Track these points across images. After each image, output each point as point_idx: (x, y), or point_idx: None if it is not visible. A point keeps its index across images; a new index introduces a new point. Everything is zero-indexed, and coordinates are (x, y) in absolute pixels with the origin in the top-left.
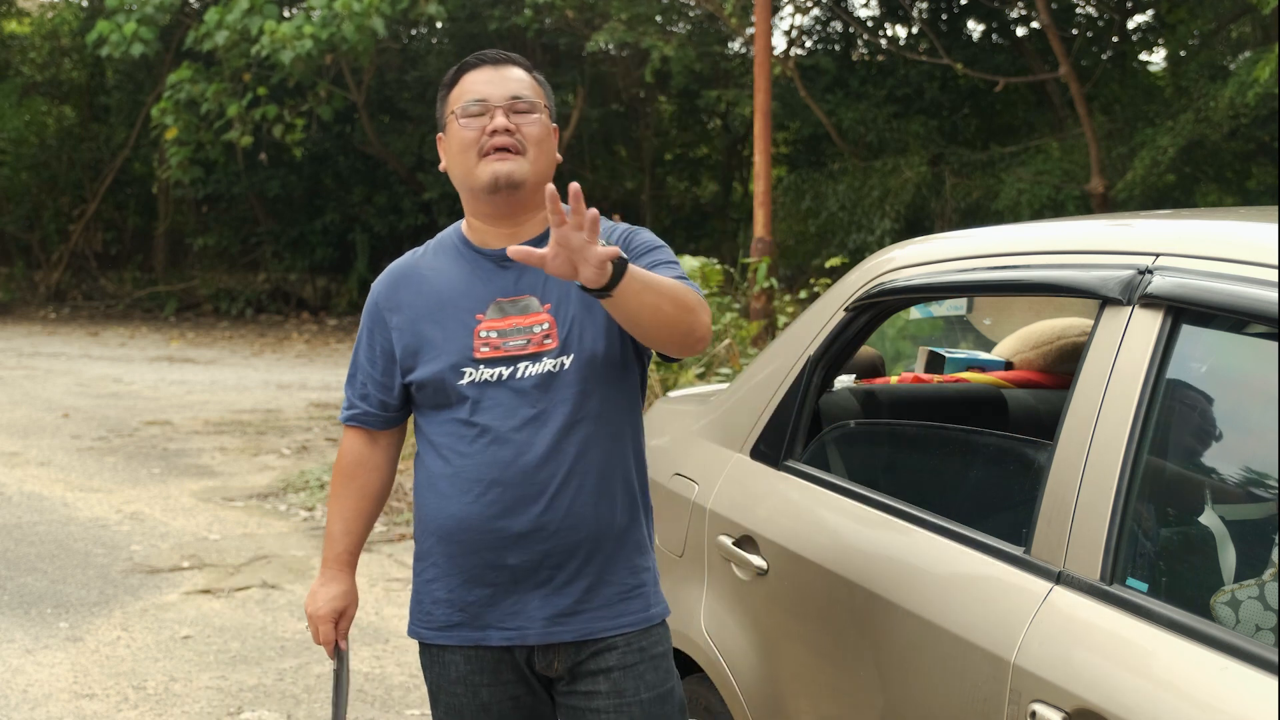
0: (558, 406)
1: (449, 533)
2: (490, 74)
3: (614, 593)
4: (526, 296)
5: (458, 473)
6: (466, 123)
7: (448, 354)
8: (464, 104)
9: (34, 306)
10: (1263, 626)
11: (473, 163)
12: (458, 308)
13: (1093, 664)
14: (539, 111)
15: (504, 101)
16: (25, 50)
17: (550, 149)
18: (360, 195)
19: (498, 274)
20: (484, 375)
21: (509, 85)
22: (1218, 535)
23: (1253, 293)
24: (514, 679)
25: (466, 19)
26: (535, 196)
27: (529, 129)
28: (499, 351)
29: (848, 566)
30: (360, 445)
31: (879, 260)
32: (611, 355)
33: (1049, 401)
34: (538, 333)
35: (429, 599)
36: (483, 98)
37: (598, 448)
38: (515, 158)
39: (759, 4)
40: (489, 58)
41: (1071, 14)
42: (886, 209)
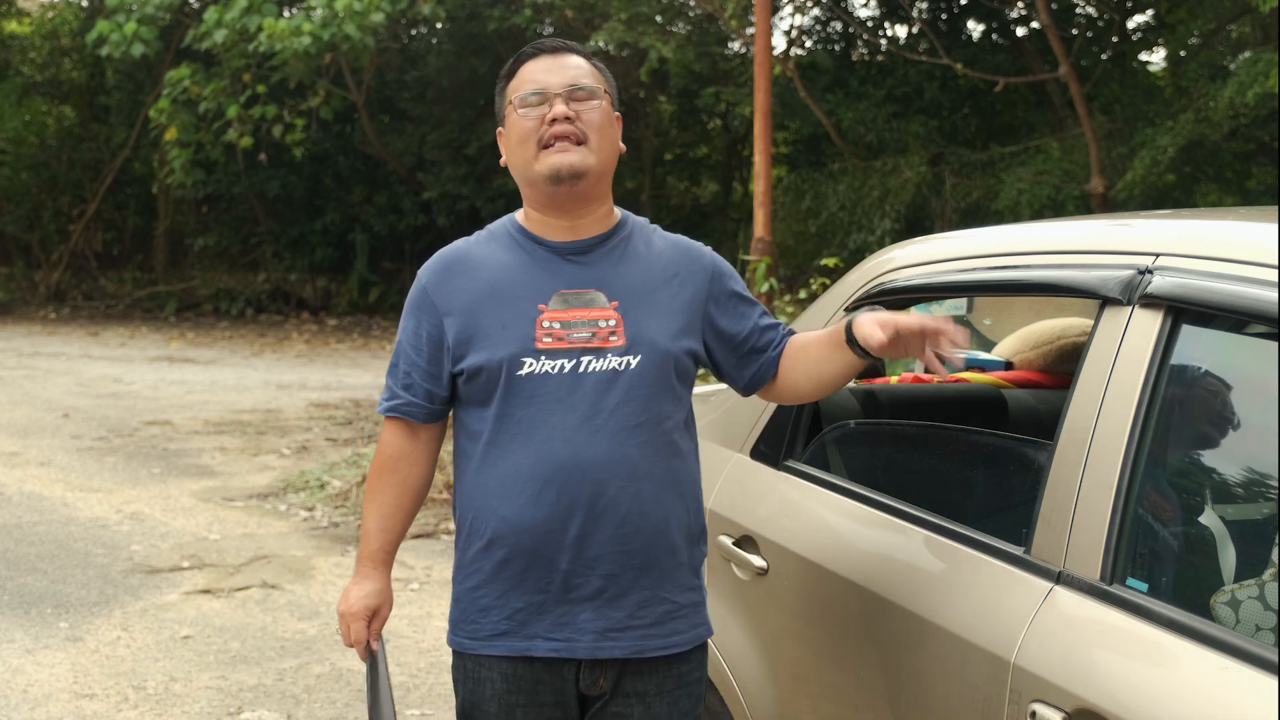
0: (621, 407)
1: (499, 535)
2: (548, 63)
3: (666, 610)
4: (591, 290)
5: (510, 471)
6: (525, 112)
7: (507, 343)
8: (522, 94)
9: (34, 306)
10: (1263, 626)
11: (532, 154)
12: (518, 296)
13: (1093, 664)
14: (600, 98)
15: (563, 89)
16: (25, 50)
17: (613, 137)
18: (360, 195)
19: (560, 264)
20: (545, 367)
21: (568, 73)
22: (1218, 535)
23: (1253, 293)
24: (551, 701)
25: (466, 19)
26: (598, 187)
27: (590, 116)
28: (563, 343)
29: (848, 566)
30: (401, 438)
31: (879, 260)
32: (677, 363)
33: (1049, 401)
34: (603, 327)
35: (474, 607)
36: (541, 87)
37: (660, 455)
38: (577, 148)
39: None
40: (546, 46)
41: (1071, 14)
42: (886, 209)
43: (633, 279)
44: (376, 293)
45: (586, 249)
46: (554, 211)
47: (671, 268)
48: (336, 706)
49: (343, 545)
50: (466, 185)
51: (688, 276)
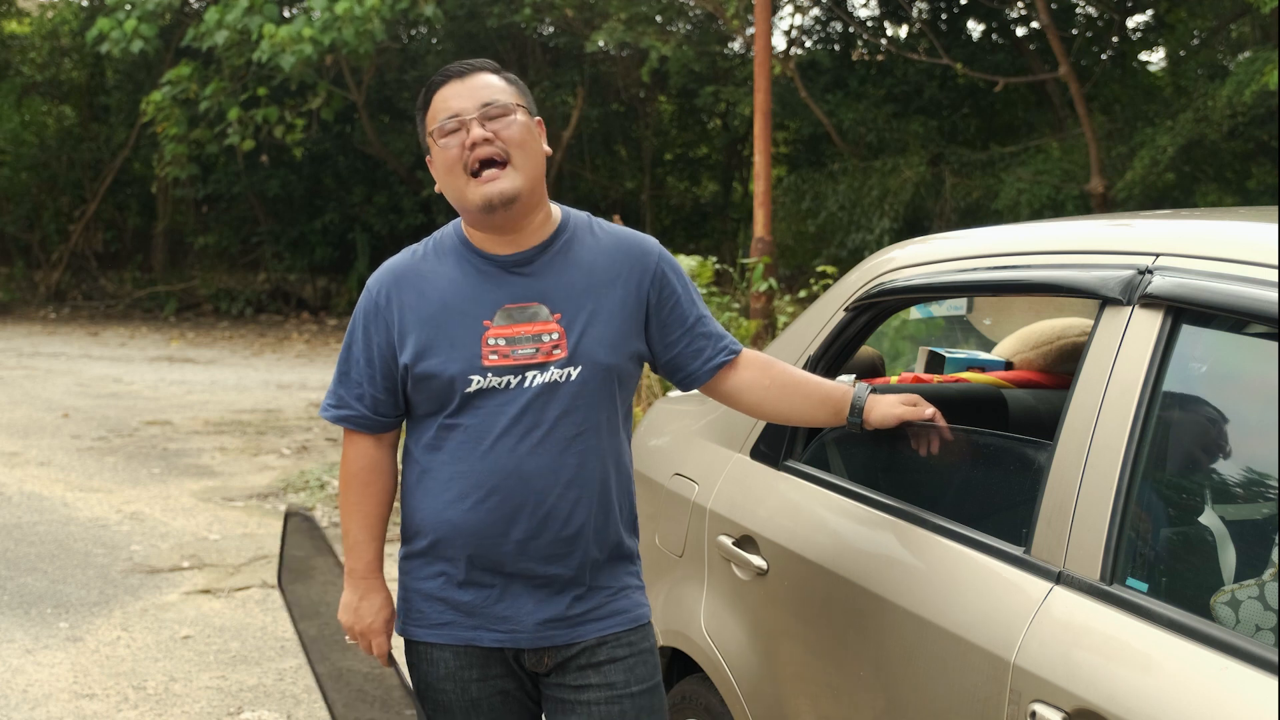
0: (563, 417)
1: (444, 537)
2: (457, 87)
3: (604, 596)
4: (535, 304)
5: (455, 477)
6: (445, 142)
7: (455, 361)
8: (439, 123)
9: (34, 306)
10: (1263, 626)
11: (462, 183)
12: (464, 313)
13: (1093, 664)
14: (514, 113)
15: (477, 111)
16: (25, 50)
17: (535, 149)
18: (360, 195)
19: (504, 278)
20: (491, 383)
21: (478, 94)
22: (1218, 535)
23: (1253, 293)
24: (502, 673)
25: (466, 18)
26: (529, 203)
27: (509, 132)
28: (508, 360)
29: (847, 566)
30: (368, 449)
31: (879, 260)
32: (618, 369)
33: (1049, 401)
34: (547, 341)
35: (419, 597)
36: (455, 112)
37: (597, 460)
38: (503, 171)
39: (759, 4)
40: (453, 71)
41: (1071, 14)
42: (886, 209)
43: (575, 287)
44: None
45: (528, 259)
46: (492, 232)
47: (614, 268)
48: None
49: None
50: None
51: (629, 275)
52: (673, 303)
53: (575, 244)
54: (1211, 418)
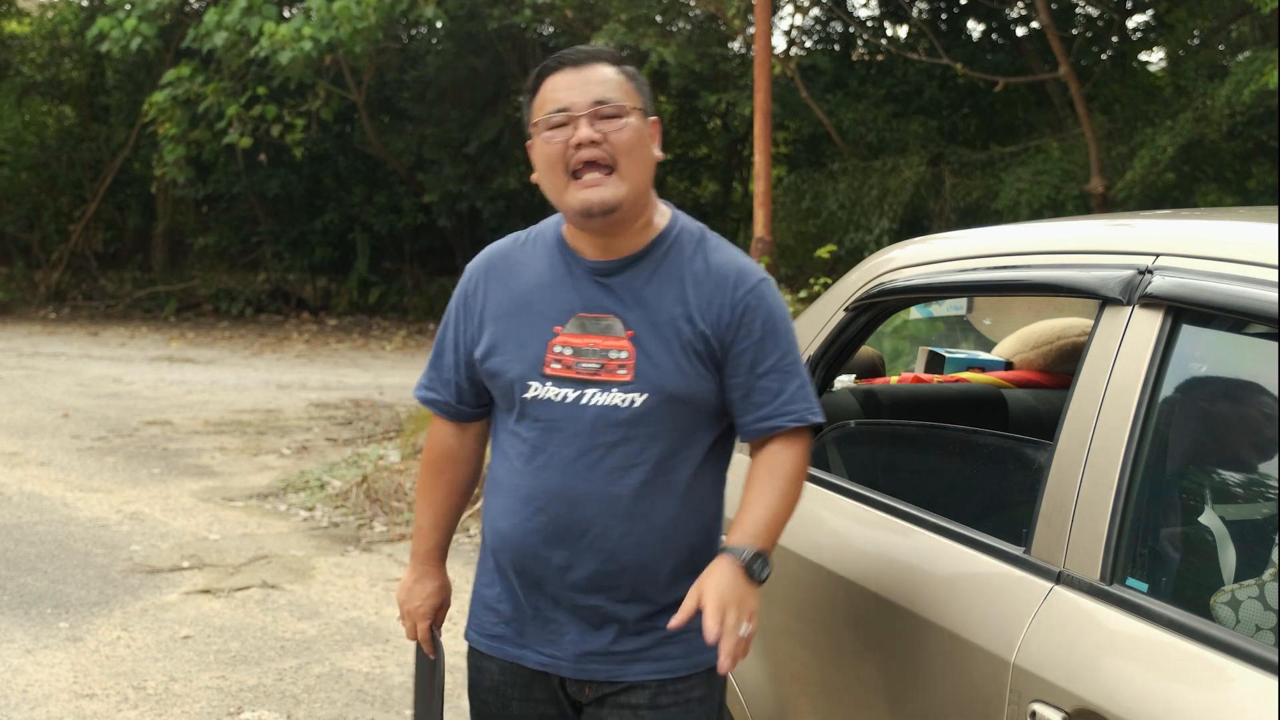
0: (620, 445)
1: (496, 547)
2: (571, 77)
3: (656, 637)
4: (610, 317)
5: (513, 488)
6: (550, 136)
7: (518, 362)
8: (546, 114)
9: (34, 306)
10: (1263, 626)
11: (562, 184)
12: (538, 314)
13: (1093, 664)
14: (628, 115)
15: (588, 108)
16: (25, 50)
17: (645, 155)
18: (360, 195)
19: (585, 284)
20: (549, 393)
21: (592, 89)
22: (1218, 535)
23: (1253, 293)
24: (545, 698)
25: (466, 18)
26: (631, 212)
27: (618, 136)
28: (569, 371)
29: (848, 566)
30: (447, 436)
31: (879, 260)
32: (689, 399)
33: (1049, 401)
34: (613, 359)
35: (480, 604)
36: (564, 106)
37: (657, 496)
38: (606, 179)
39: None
40: (569, 59)
41: (1071, 14)
42: (885, 208)
43: (655, 307)
44: (376, 293)
45: (614, 270)
46: (587, 234)
47: (701, 293)
48: (336, 706)
49: (343, 545)
50: (466, 184)
51: (712, 302)
52: (747, 343)
53: (670, 259)
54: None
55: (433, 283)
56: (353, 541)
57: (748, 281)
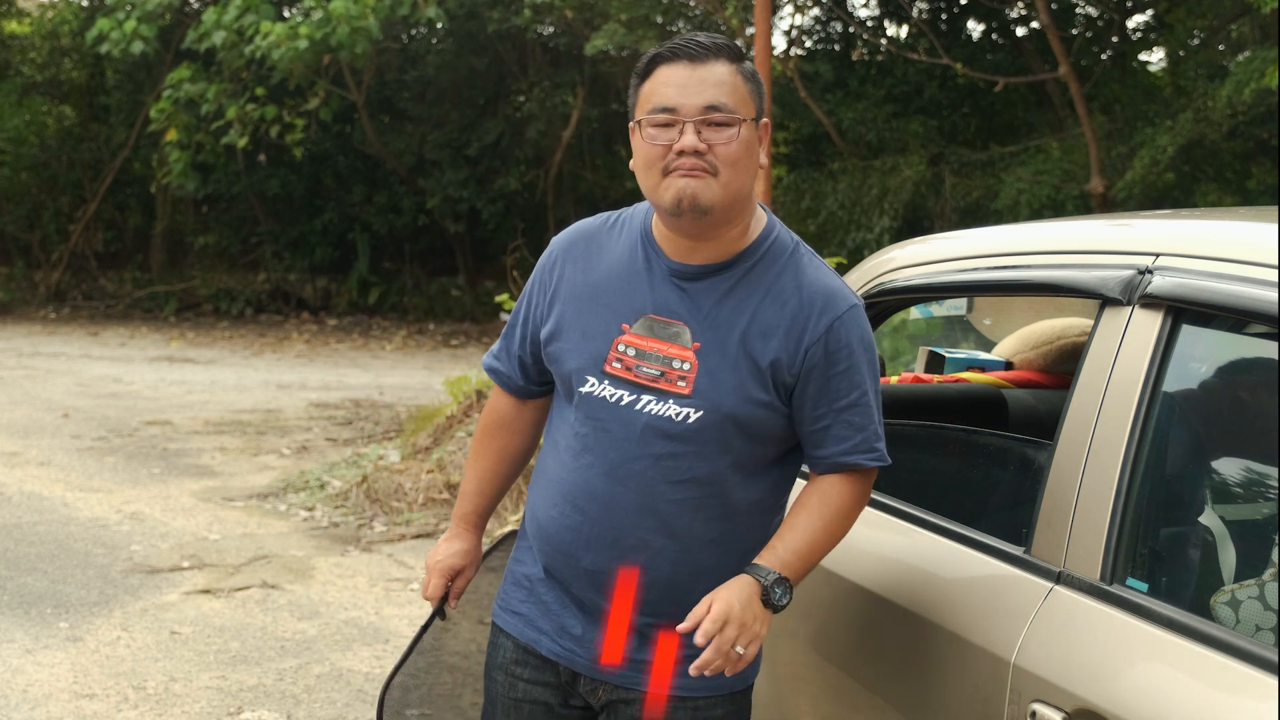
0: (665, 460)
1: (534, 534)
2: (686, 74)
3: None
4: (680, 324)
5: (557, 480)
6: (653, 134)
7: (580, 354)
8: (651, 109)
9: (34, 306)
10: (1263, 626)
11: (657, 179)
12: (609, 307)
13: (1093, 664)
14: (737, 125)
15: (697, 114)
16: (25, 50)
17: (749, 165)
18: (360, 195)
19: (662, 284)
20: (605, 392)
21: (705, 92)
22: (1218, 535)
23: (1253, 293)
24: (553, 688)
25: (465, 18)
26: (724, 218)
27: (724, 149)
28: (630, 374)
29: (848, 566)
30: (507, 405)
31: (879, 260)
32: (747, 421)
33: (1049, 401)
34: (675, 369)
35: (511, 579)
36: (673, 106)
37: (698, 516)
38: (704, 177)
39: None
40: (685, 50)
41: (1071, 14)
42: (886, 208)
43: (729, 321)
44: (376, 293)
45: (695, 276)
46: (676, 233)
47: (784, 314)
48: (336, 706)
49: (343, 545)
50: (467, 188)
51: (795, 325)
52: (830, 374)
53: (756, 273)
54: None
55: (433, 283)
56: (353, 541)
57: (837, 308)
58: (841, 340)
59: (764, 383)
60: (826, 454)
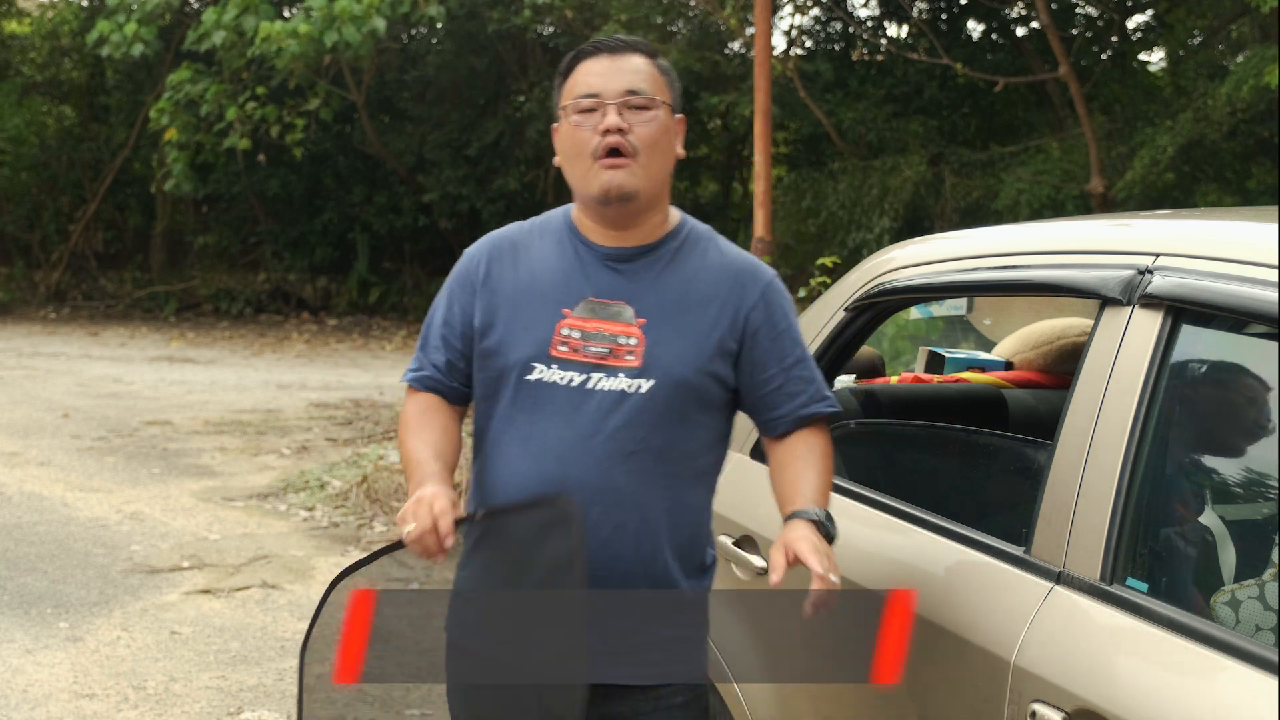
0: (620, 431)
1: None
2: (606, 64)
3: (641, 641)
4: (620, 303)
5: (504, 475)
6: (578, 120)
7: (522, 344)
8: (575, 98)
9: (34, 306)
10: (1263, 626)
11: (584, 167)
12: (545, 296)
13: (1093, 664)
14: (656, 108)
15: (618, 97)
16: (25, 50)
17: (666, 150)
18: (360, 195)
19: (597, 269)
20: (554, 376)
21: (624, 78)
22: (1218, 535)
23: (1253, 293)
24: None
25: (466, 18)
26: (648, 203)
27: (644, 130)
28: (577, 355)
29: (848, 567)
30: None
31: (879, 260)
32: (695, 388)
33: (1049, 401)
34: (622, 344)
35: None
36: (595, 91)
37: (656, 486)
38: (627, 164)
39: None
40: (606, 45)
41: (1071, 14)
42: (886, 208)
43: (668, 296)
44: (376, 293)
45: (628, 257)
46: (604, 224)
47: (715, 287)
48: (336, 706)
49: (343, 545)
50: (467, 186)
51: (729, 297)
52: (773, 336)
53: (683, 254)
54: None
55: (433, 283)
56: (353, 541)
57: (765, 275)
58: (776, 304)
59: (709, 350)
60: (787, 411)
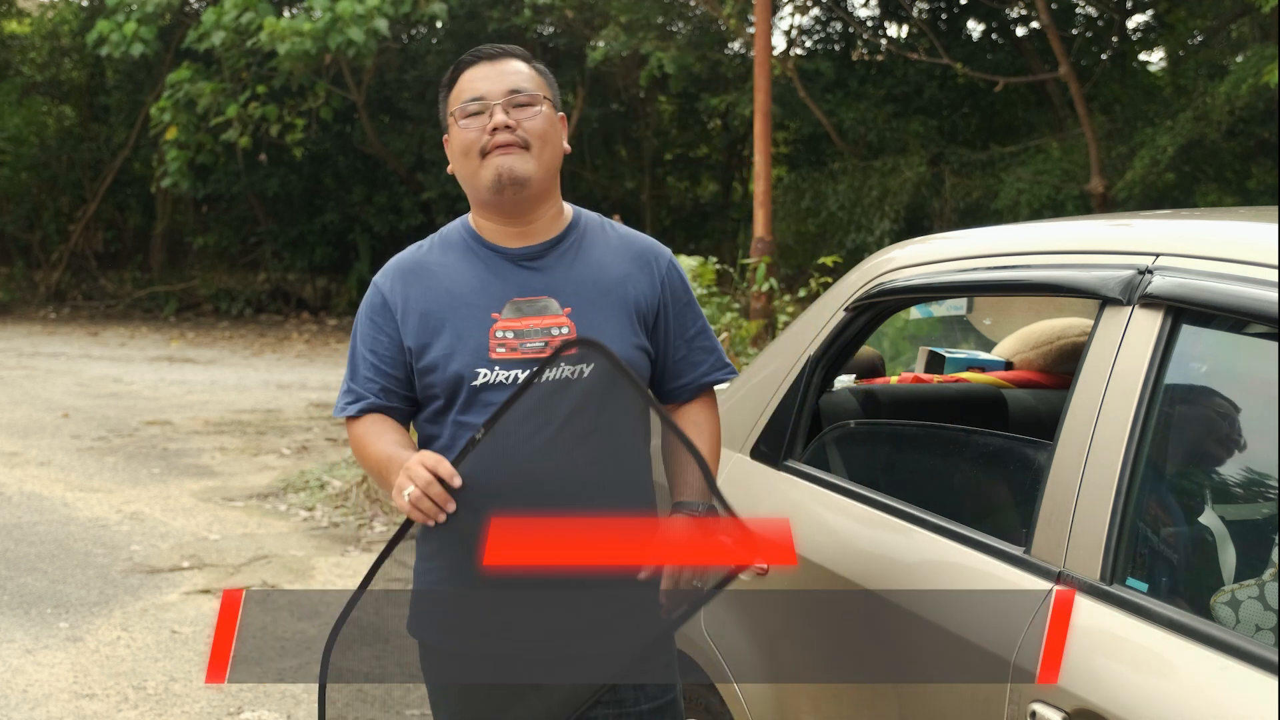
0: (573, 417)
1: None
2: (487, 70)
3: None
4: (544, 297)
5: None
6: (466, 123)
7: (462, 353)
8: (462, 103)
9: (34, 306)
10: (1263, 626)
11: (475, 164)
12: (472, 305)
13: (1092, 664)
14: (540, 104)
15: (502, 97)
16: (25, 50)
17: (555, 142)
18: (360, 195)
19: (513, 271)
20: (499, 377)
21: (506, 79)
22: (1218, 535)
23: (1253, 293)
24: None
25: (466, 18)
26: (541, 192)
27: (531, 124)
28: (516, 353)
29: (848, 567)
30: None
31: (879, 260)
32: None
33: (1049, 401)
34: (556, 335)
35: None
36: (480, 95)
37: (611, 463)
38: (519, 152)
39: (759, 4)
40: (485, 53)
41: (1071, 14)
42: (886, 209)
43: (585, 284)
44: None
45: (539, 254)
46: (501, 219)
47: (624, 268)
48: (336, 706)
49: (342, 545)
50: None
51: (639, 276)
52: (678, 309)
53: (586, 242)
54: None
55: None
56: (353, 541)
57: (665, 254)
58: (678, 277)
59: (635, 325)
60: (690, 379)
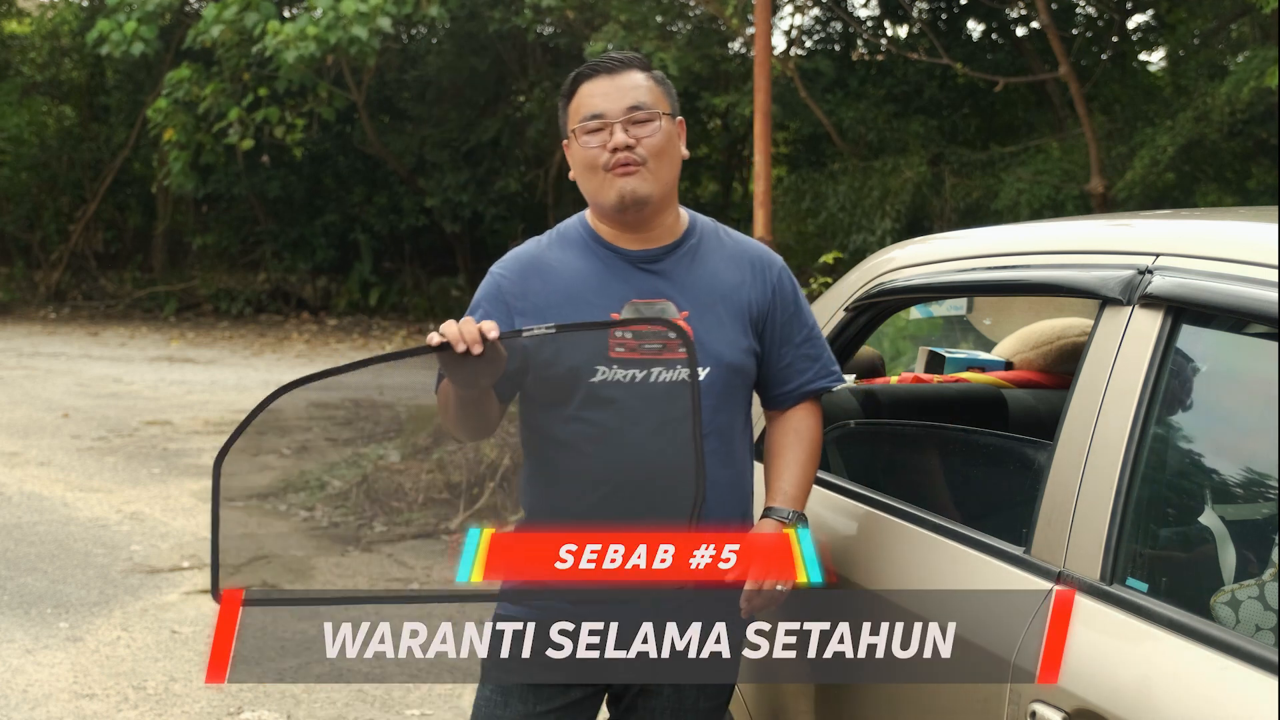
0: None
1: None
2: (606, 85)
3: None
4: (663, 300)
5: (582, 472)
6: (587, 141)
7: (580, 350)
8: (582, 120)
9: (34, 306)
10: (1263, 626)
11: (599, 179)
12: (591, 304)
13: (1093, 664)
14: (658, 119)
15: (622, 115)
16: (25, 50)
17: (673, 155)
18: (360, 195)
19: (632, 273)
20: (618, 375)
21: (625, 96)
22: (1218, 535)
23: (1253, 293)
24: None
25: (466, 18)
26: (660, 206)
27: (650, 141)
28: (635, 353)
29: (848, 566)
30: None
31: (879, 260)
32: (744, 369)
33: (1049, 401)
34: (673, 338)
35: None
36: (599, 112)
37: (723, 464)
38: (639, 171)
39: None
40: (604, 65)
41: (1071, 14)
42: (886, 209)
43: (701, 288)
44: (377, 293)
45: (658, 257)
46: (623, 228)
47: (740, 274)
48: (336, 706)
49: (343, 545)
50: (467, 191)
51: (754, 282)
52: (786, 316)
53: (703, 247)
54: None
55: (433, 283)
56: (353, 541)
57: (776, 261)
58: (788, 285)
59: (747, 330)
60: (794, 386)
